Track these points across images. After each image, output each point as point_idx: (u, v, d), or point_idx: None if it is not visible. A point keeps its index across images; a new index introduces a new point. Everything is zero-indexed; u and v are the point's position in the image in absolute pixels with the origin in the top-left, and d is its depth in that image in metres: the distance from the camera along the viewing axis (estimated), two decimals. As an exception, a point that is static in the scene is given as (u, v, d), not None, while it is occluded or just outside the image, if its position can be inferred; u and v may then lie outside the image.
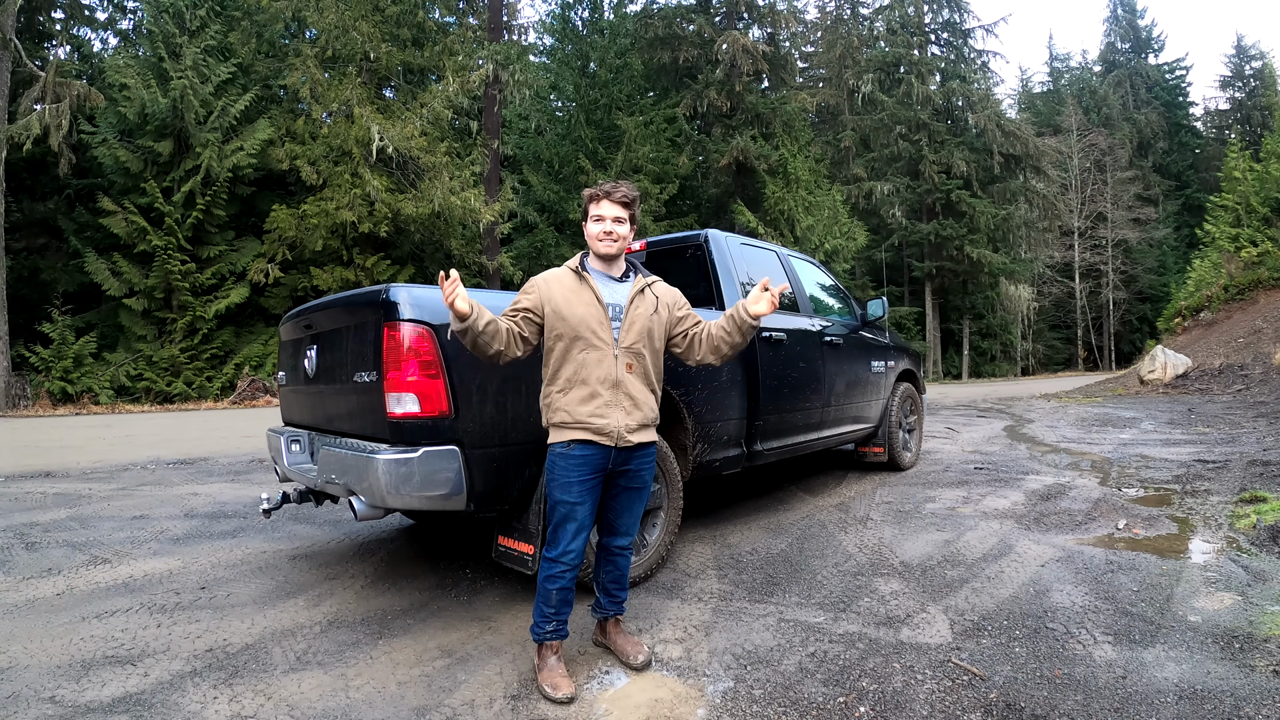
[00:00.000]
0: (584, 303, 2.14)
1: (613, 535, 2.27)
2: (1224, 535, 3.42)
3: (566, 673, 2.09)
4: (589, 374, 2.10)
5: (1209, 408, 9.95)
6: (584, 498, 2.11)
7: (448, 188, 16.61)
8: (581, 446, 2.10)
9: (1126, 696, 1.93)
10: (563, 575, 2.11)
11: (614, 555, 2.28)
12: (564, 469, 2.10)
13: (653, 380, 2.24)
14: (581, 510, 2.11)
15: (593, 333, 2.11)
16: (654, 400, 2.24)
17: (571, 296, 2.14)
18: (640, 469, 2.21)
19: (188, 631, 2.55)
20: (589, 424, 2.09)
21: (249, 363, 16.99)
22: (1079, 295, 36.20)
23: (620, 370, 2.13)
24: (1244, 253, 18.50)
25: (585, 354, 2.11)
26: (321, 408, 3.05)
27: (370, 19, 16.35)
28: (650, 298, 2.24)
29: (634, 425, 2.13)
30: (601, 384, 2.10)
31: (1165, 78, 44.92)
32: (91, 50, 19.77)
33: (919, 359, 6.01)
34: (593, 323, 2.12)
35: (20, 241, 16.81)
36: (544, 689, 2.03)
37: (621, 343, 2.14)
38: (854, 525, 3.86)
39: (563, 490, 2.10)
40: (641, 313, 2.19)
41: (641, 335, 2.17)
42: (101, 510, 4.63)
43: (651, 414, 2.21)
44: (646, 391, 2.20)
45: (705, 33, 24.00)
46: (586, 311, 2.12)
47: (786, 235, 21.67)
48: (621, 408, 2.11)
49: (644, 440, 2.18)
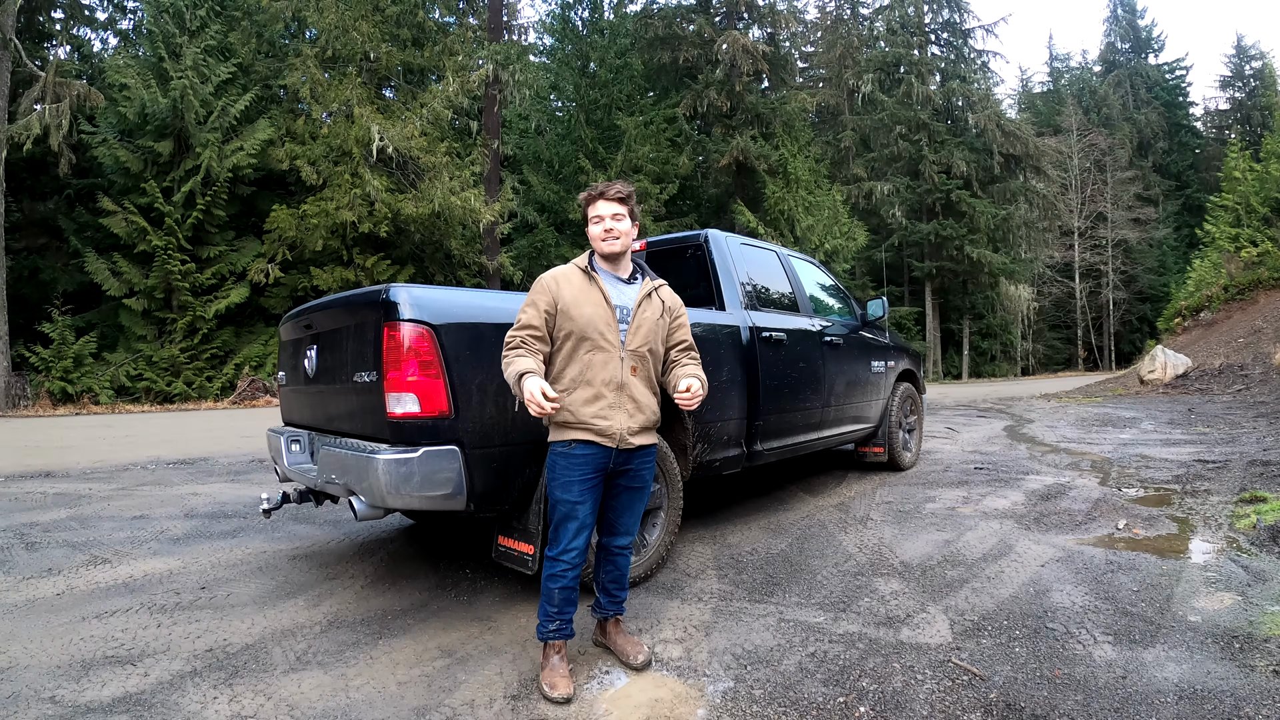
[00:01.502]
0: (592, 303, 2.14)
1: (613, 535, 2.27)
2: (1224, 535, 3.42)
3: (568, 673, 2.09)
4: (594, 375, 2.11)
5: (1209, 408, 9.95)
6: (585, 497, 2.11)
7: (448, 188, 16.61)
8: (583, 446, 2.10)
9: (1126, 696, 1.93)
10: (565, 574, 2.11)
11: (614, 555, 2.28)
12: (565, 468, 2.11)
13: (655, 383, 2.26)
14: (582, 509, 2.11)
15: (600, 334, 2.11)
16: (656, 403, 2.25)
17: (580, 296, 2.14)
18: (641, 469, 2.22)
19: (188, 631, 2.55)
20: (592, 425, 2.09)
21: (249, 363, 16.98)
22: (1079, 295, 36.19)
23: (625, 373, 2.13)
24: (1244, 253, 18.50)
25: (592, 355, 2.11)
26: (321, 408, 3.05)
27: (370, 19, 16.35)
28: (657, 302, 2.25)
29: (636, 428, 2.14)
30: (606, 386, 2.11)
31: (1165, 78, 44.90)
32: (91, 50, 19.77)
33: (919, 359, 6.01)
34: (600, 324, 2.12)
35: (20, 241, 16.81)
36: (543, 688, 2.04)
37: (628, 345, 2.15)
38: (854, 525, 3.86)
39: (564, 489, 2.11)
40: (649, 316, 2.20)
41: (648, 339, 2.18)
42: (101, 510, 4.63)
43: (654, 416, 2.22)
44: (649, 394, 2.21)
45: (705, 33, 23.99)
46: (594, 312, 2.12)
47: (786, 235, 21.66)
48: (625, 410, 2.12)
49: (645, 443, 2.20)
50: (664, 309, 2.26)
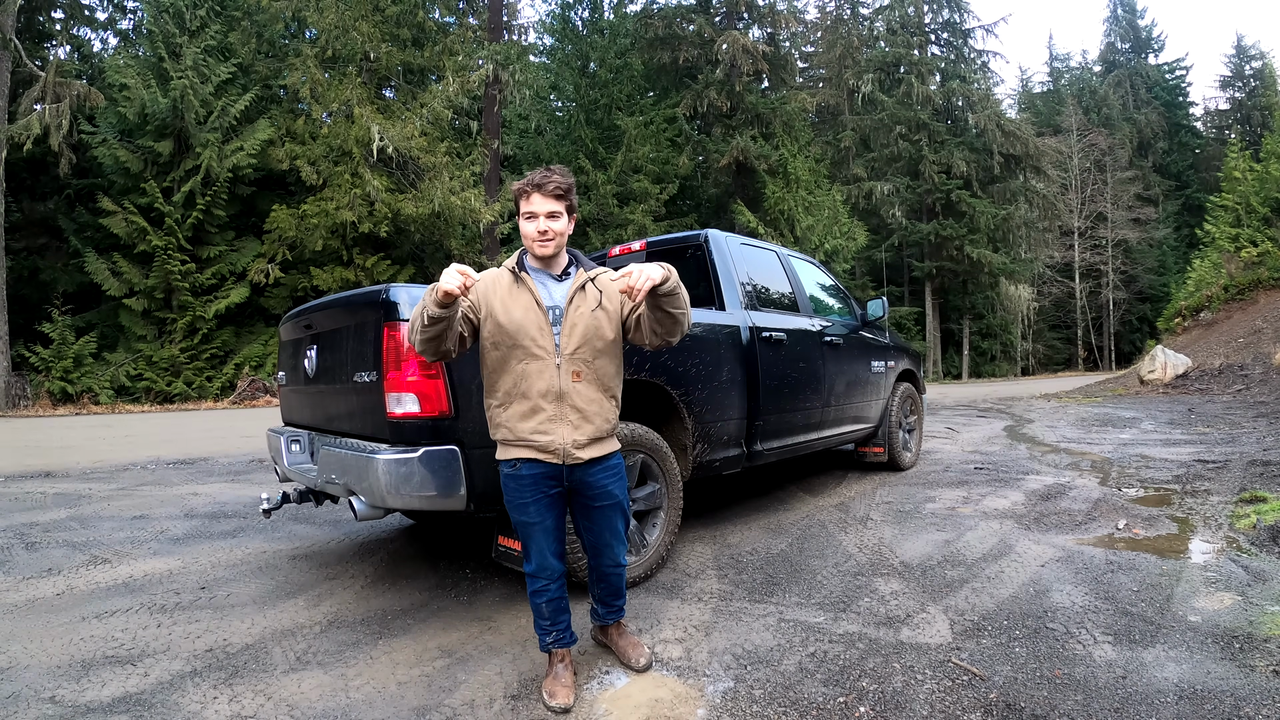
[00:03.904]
0: (521, 306, 1.96)
1: (598, 556, 2.15)
2: (1224, 535, 3.41)
3: (571, 683, 2.04)
4: (529, 386, 1.94)
5: (1209, 408, 9.95)
6: (542, 515, 2.01)
7: (448, 188, 16.61)
8: (528, 465, 1.98)
9: (1126, 696, 1.93)
10: (546, 589, 2.05)
11: (606, 574, 2.19)
12: (515, 489, 2.01)
13: (609, 384, 2.05)
14: (543, 526, 2.02)
15: (532, 340, 1.94)
16: (610, 408, 2.05)
17: (509, 300, 1.97)
18: (603, 484, 2.04)
19: (188, 631, 2.55)
20: (532, 441, 1.96)
21: (249, 363, 16.99)
22: (1079, 295, 36.19)
23: (565, 381, 1.95)
24: (1244, 253, 18.50)
25: (525, 364, 1.94)
26: (321, 408, 3.05)
27: (370, 19, 16.35)
28: (592, 292, 2.02)
29: (583, 440, 1.98)
30: (543, 397, 1.94)
31: (1165, 78, 44.89)
32: (91, 50, 19.78)
33: (919, 359, 6.01)
34: (532, 329, 1.94)
35: (20, 241, 16.81)
36: (543, 695, 2.01)
37: (564, 350, 1.96)
38: (854, 525, 3.86)
39: (519, 511, 2.02)
40: (582, 313, 1.99)
41: (586, 338, 1.98)
42: (101, 510, 4.63)
43: (605, 425, 2.03)
44: (601, 399, 2.02)
45: (705, 33, 24.00)
46: (524, 316, 1.95)
47: (786, 235, 21.67)
48: (568, 422, 1.96)
49: (598, 454, 2.02)
50: (603, 298, 2.02)
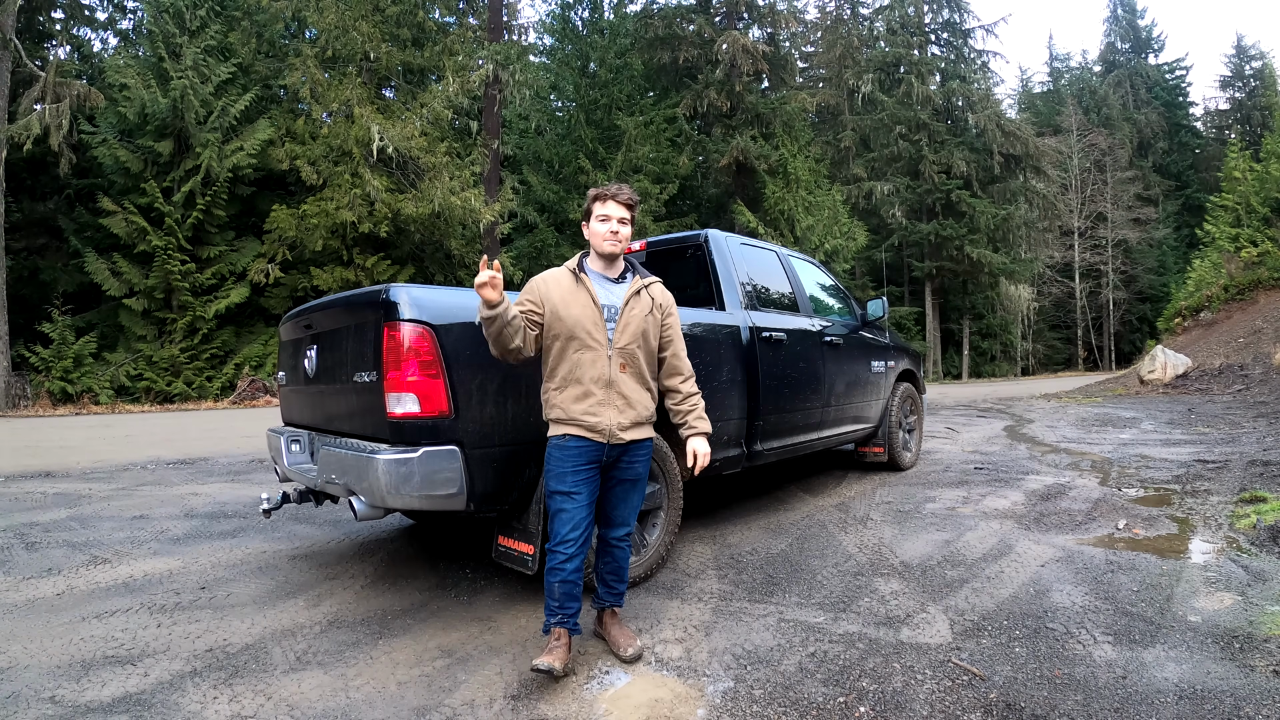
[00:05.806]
0: (580, 304, 2.21)
1: (609, 526, 2.33)
2: (1224, 535, 3.42)
3: (564, 657, 2.10)
4: (583, 373, 2.18)
5: (1209, 408, 9.95)
6: (579, 488, 2.16)
7: (448, 188, 16.61)
8: (575, 439, 2.18)
9: (1126, 696, 1.93)
10: (563, 566, 2.13)
11: (611, 546, 2.34)
12: (559, 459, 2.19)
13: (648, 379, 2.31)
14: (577, 500, 2.16)
15: (587, 333, 2.18)
16: (649, 398, 2.31)
17: (569, 297, 2.22)
18: (634, 461, 2.28)
19: (188, 631, 2.55)
20: (582, 421, 2.17)
21: (249, 363, 16.98)
22: (1079, 295, 36.19)
23: (614, 370, 2.20)
24: (1244, 253, 18.50)
25: (580, 354, 2.19)
26: (321, 408, 3.05)
27: (370, 19, 16.35)
28: (646, 299, 2.31)
29: (626, 423, 2.21)
30: (595, 383, 2.18)
31: (1165, 78, 44.90)
32: (91, 50, 19.76)
33: (919, 359, 6.01)
34: (588, 324, 2.19)
35: (20, 241, 16.80)
36: (533, 660, 2.07)
37: (616, 343, 2.22)
38: (854, 525, 3.86)
39: (557, 480, 2.18)
40: (637, 314, 2.26)
41: (636, 336, 2.24)
42: (101, 510, 4.63)
43: (646, 412, 2.28)
44: (641, 390, 2.27)
45: (705, 33, 23.99)
46: (582, 313, 2.20)
47: (786, 235, 21.67)
48: (614, 406, 2.19)
49: (638, 437, 2.25)
50: (654, 305, 2.32)
